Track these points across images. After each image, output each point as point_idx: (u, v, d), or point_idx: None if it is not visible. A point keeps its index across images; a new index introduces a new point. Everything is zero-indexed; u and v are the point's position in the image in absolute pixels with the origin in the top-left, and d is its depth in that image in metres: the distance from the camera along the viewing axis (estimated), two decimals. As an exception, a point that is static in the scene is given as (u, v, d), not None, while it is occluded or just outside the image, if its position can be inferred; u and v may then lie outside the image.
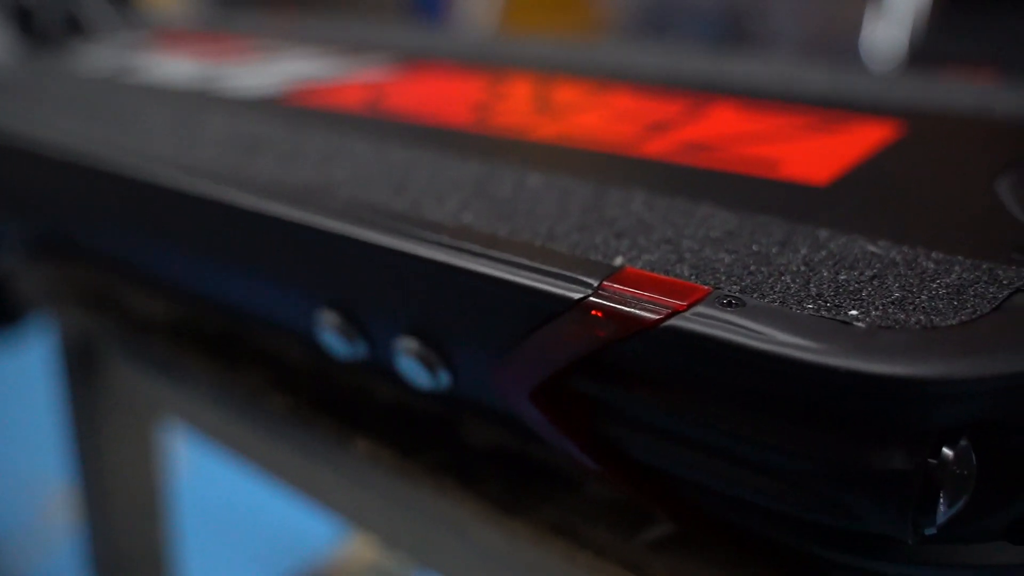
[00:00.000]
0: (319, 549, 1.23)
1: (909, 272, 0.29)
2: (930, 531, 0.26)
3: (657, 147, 0.43)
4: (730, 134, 0.44)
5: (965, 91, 0.51)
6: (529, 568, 0.37)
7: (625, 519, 0.36)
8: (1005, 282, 0.28)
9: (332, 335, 0.38)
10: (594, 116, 0.50)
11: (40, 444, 1.43)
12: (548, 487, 0.38)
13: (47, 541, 1.31)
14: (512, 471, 0.39)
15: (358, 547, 1.15)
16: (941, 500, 0.25)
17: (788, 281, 0.29)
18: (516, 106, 0.52)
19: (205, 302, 0.48)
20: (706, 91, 0.52)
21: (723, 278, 0.29)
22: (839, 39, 1.74)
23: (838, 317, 0.26)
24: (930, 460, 0.25)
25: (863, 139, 0.43)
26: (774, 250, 0.31)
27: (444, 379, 0.35)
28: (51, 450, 1.26)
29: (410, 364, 0.35)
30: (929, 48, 1.36)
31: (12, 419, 1.61)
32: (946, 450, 0.25)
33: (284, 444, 0.48)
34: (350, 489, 0.45)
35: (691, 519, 0.33)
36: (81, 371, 0.68)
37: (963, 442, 0.25)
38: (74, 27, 0.83)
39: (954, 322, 0.26)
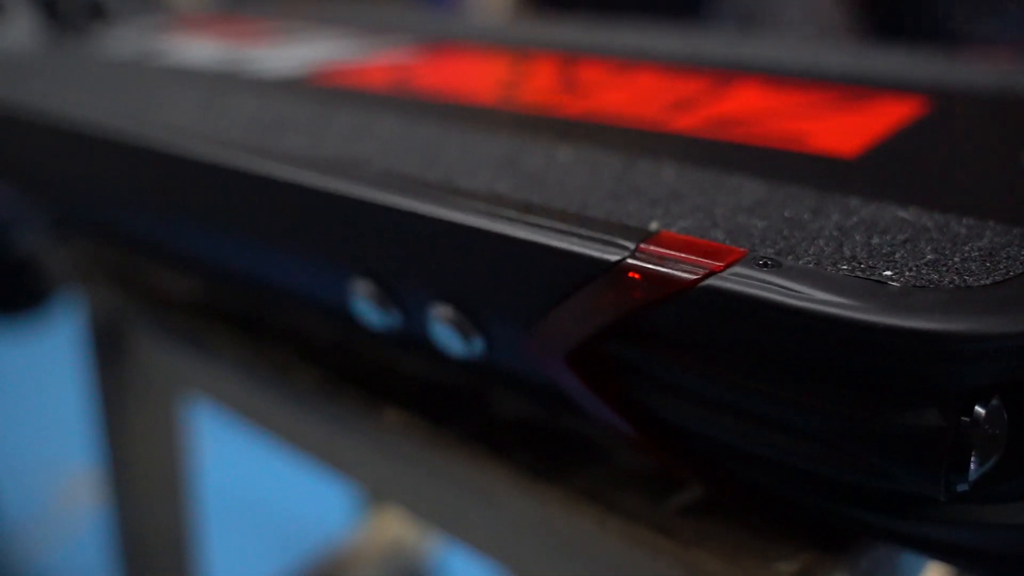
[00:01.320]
0: (338, 529, 1.24)
1: (941, 236, 0.29)
2: (962, 488, 0.26)
3: (684, 123, 0.43)
4: (756, 110, 0.45)
5: (987, 70, 0.51)
6: (560, 534, 0.38)
7: (655, 485, 0.37)
8: (1036, 245, 0.28)
9: (366, 304, 0.38)
10: (620, 94, 0.50)
11: (65, 426, 1.45)
12: (578, 455, 0.39)
13: (71, 522, 1.33)
14: (542, 440, 0.40)
15: (376, 529, 1.16)
16: (973, 458, 0.26)
17: (822, 245, 0.29)
18: (542, 85, 0.53)
19: (236, 278, 0.49)
20: (730, 69, 0.53)
21: (757, 242, 0.30)
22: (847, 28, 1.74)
23: (873, 277, 0.27)
24: (963, 418, 0.26)
25: (890, 114, 0.43)
26: (806, 216, 0.31)
27: (478, 346, 0.36)
28: (76, 432, 1.27)
29: (444, 331, 0.36)
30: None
31: (37, 401, 1.63)
32: (978, 408, 0.26)
33: (312, 417, 0.48)
34: (379, 460, 0.46)
35: (724, 483, 0.34)
36: (108, 349, 0.69)
37: (995, 401, 0.26)
38: (97, 13, 0.83)
39: (987, 282, 0.26)
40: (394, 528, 1.15)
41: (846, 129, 0.41)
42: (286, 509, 1.35)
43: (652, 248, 0.29)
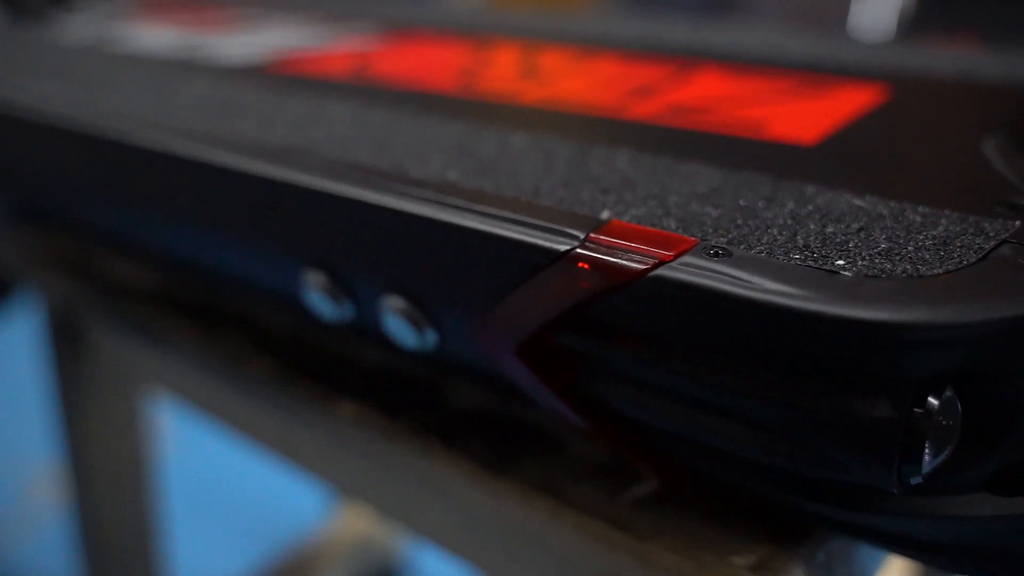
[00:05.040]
0: (306, 523, 1.23)
1: (896, 225, 0.29)
2: (915, 481, 0.26)
3: (643, 110, 0.43)
4: (716, 97, 0.44)
5: (950, 57, 0.51)
6: (515, 527, 0.37)
7: (610, 477, 0.36)
8: (991, 234, 0.28)
9: (318, 296, 0.37)
10: (579, 82, 0.50)
11: (27, 423, 1.43)
12: (533, 447, 0.38)
13: (35, 520, 1.31)
14: (497, 432, 0.39)
15: (346, 521, 1.15)
16: (926, 450, 0.25)
17: (775, 233, 0.29)
18: (502, 72, 0.52)
19: (189, 268, 0.48)
20: (692, 56, 0.52)
21: (710, 231, 0.29)
22: (826, 16, 1.74)
23: (825, 266, 0.26)
24: (915, 409, 0.25)
25: (849, 102, 0.43)
26: (760, 205, 0.31)
27: (431, 338, 0.35)
28: (38, 429, 1.26)
29: (397, 323, 0.35)
30: (917, 26, 1.36)
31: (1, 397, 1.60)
32: (931, 399, 0.25)
33: (267, 408, 0.47)
34: (334, 452, 0.45)
35: (677, 474, 0.33)
36: (65, 342, 0.68)
37: (948, 392, 0.25)
38: (56, -3, 0.82)
39: (940, 271, 0.26)
40: (365, 520, 1.14)
41: (806, 116, 0.41)
42: (256, 502, 1.34)
43: (602, 238, 0.28)
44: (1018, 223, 0.28)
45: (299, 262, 0.38)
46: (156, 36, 0.67)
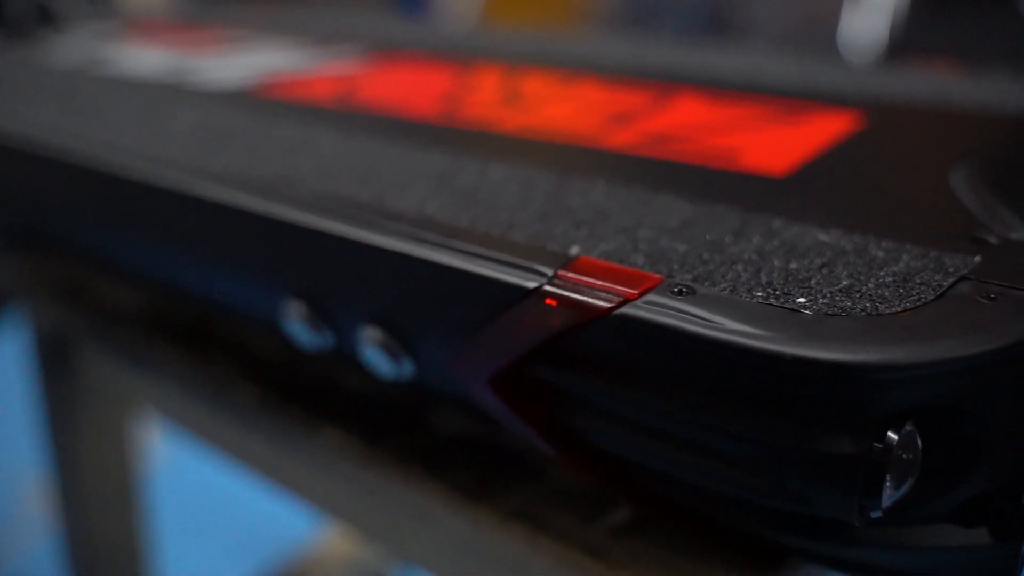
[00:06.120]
0: (296, 541, 1.23)
1: (858, 260, 0.29)
2: (876, 514, 0.27)
3: (621, 139, 0.43)
4: (693, 124, 0.45)
5: (929, 82, 0.52)
6: (493, 554, 0.37)
7: (587, 505, 0.37)
8: (951, 270, 0.28)
9: (298, 325, 0.38)
10: (561, 108, 0.50)
11: (17, 439, 1.43)
12: (512, 474, 0.39)
13: (24, 536, 1.31)
14: (477, 459, 0.40)
15: (335, 539, 1.16)
16: (887, 483, 0.26)
17: (739, 270, 0.29)
18: (484, 98, 0.53)
19: (175, 293, 0.48)
20: (673, 82, 0.53)
21: (676, 267, 0.29)
22: (819, 32, 1.75)
23: (786, 305, 0.27)
24: (875, 444, 0.26)
25: (824, 130, 0.43)
26: (727, 239, 0.31)
27: (407, 368, 0.35)
28: (28, 445, 1.26)
29: (374, 353, 0.36)
30: (908, 41, 1.37)
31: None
32: (891, 434, 0.26)
33: (253, 433, 0.48)
34: (318, 477, 0.45)
35: (649, 503, 0.34)
36: (54, 363, 0.68)
37: (908, 427, 0.26)
38: (46, 18, 0.82)
39: (898, 309, 0.26)
40: (356, 537, 1.14)
41: (780, 145, 0.41)
42: (247, 518, 1.34)
43: (570, 275, 0.29)
44: (978, 259, 0.29)
45: (281, 292, 0.38)
46: (146, 58, 0.68)
